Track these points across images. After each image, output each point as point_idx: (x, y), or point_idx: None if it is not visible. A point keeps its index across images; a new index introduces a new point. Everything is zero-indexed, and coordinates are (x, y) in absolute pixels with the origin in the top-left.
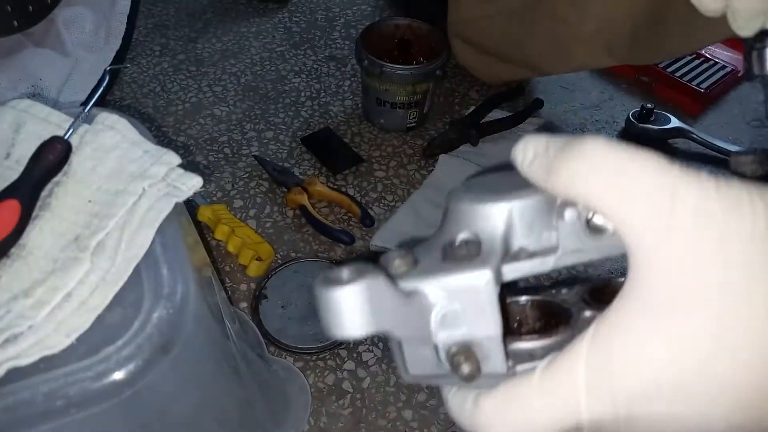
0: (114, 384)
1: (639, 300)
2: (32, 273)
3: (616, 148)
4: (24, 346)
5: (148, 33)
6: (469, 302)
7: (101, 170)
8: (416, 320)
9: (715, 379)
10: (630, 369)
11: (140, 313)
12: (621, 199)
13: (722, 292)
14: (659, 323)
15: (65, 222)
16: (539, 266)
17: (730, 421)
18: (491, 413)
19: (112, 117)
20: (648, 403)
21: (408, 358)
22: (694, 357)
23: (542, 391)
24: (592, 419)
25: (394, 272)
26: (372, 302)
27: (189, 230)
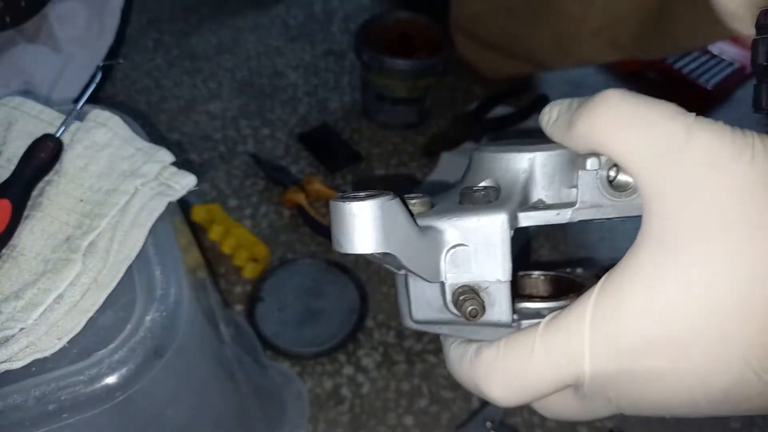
0: (106, 388)
1: (649, 247)
2: (23, 274)
3: (633, 96)
4: (15, 349)
5: (141, 28)
6: (482, 244)
7: (93, 168)
8: (428, 256)
9: (718, 332)
10: (636, 320)
11: (133, 315)
12: (636, 144)
13: (728, 241)
14: (666, 272)
15: (56, 222)
16: (556, 217)
17: (733, 376)
18: (491, 363)
19: (104, 114)
20: (651, 358)
21: (413, 299)
22: (699, 308)
23: (545, 343)
24: (594, 373)
25: (411, 211)
26: (385, 221)
27: (182, 230)
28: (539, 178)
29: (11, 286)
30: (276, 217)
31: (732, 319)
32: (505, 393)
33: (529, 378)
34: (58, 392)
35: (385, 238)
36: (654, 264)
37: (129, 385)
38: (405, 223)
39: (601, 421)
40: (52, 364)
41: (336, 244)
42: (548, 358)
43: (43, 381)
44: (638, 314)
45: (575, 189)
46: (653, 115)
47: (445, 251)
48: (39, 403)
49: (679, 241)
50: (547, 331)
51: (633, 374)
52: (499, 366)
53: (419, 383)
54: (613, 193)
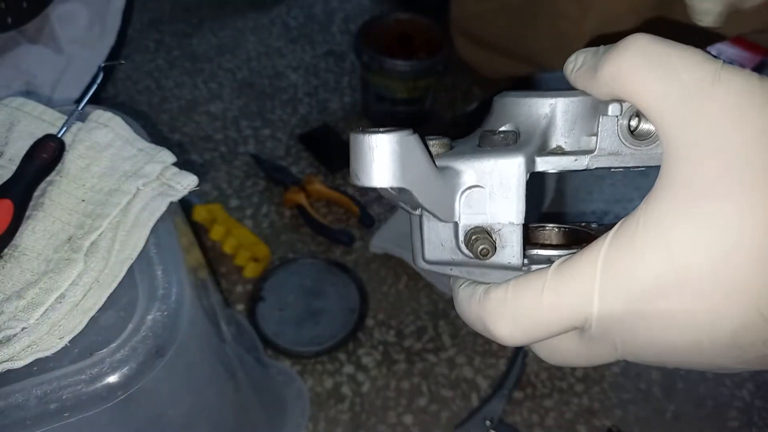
0: (108, 387)
1: (668, 193)
2: (25, 274)
3: (661, 42)
4: (17, 348)
5: (142, 29)
6: (498, 185)
7: (95, 169)
8: (443, 195)
9: (732, 275)
10: (649, 262)
11: (134, 315)
12: (661, 89)
13: (751, 187)
14: (684, 215)
15: (58, 222)
16: (573, 163)
17: (743, 320)
18: (500, 302)
19: (105, 115)
20: (662, 299)
21: (427, 239)
22: (714, 250)
23: (555, 283)
24: (602, 315)
25: (430, 151)
26: (403, 155)
27: (184, 230)
28: (560, 124)
29: (13, 285)
30: (277, 217)
31: (746, 264)
32: (512, 331)
33: (537, 317)
34: (60, 391)
35: (403, 172)
36: (672, 210)
37: (130, 384)
38: (423, 160)
39: (601, 420)
40: (53, 363)
41: (354, 177)
42: (557, 297)
43: (44, 380)
44: (651, 257)
45: (595, 137)
46: (680, 61)
47: (461, 191)
48: (41, 402)
49: (700, 187)
50: (558, 271)
51: (642, 316)
52: (508, 304)
53: (419, 382)
54: (633, 141)
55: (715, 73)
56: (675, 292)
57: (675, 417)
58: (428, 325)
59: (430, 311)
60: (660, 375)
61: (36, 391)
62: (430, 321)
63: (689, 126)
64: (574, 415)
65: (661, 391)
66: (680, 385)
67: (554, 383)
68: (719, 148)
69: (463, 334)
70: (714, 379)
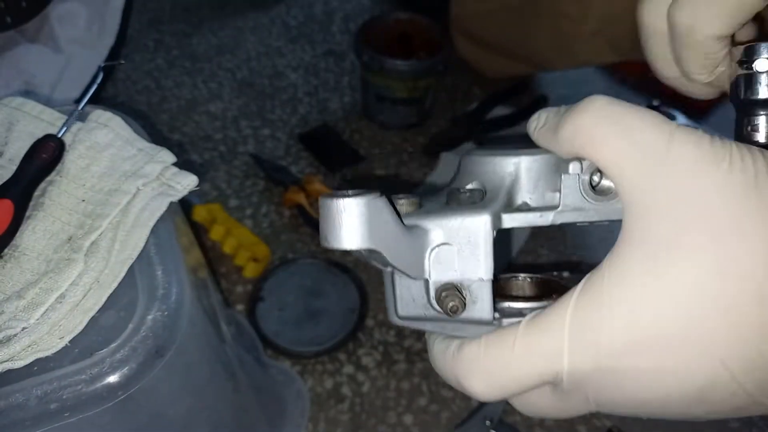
0: (108, 387)
1: (630, 248)
2: (25, 274)
3: (617, 103)
4: (17, 348)
5: (142, 28)
6: (466, 243)
7: (95, 169)
8: (413, 253)
9: (695, 332)
10: (617, 320)
11: (134, 315)
12: (618, 149)
13: (714, 241)
14: (644, 272)
15: (58, 222)
16: (538, 219)
17: (709, 376)
18: (472, 359)
19: (105, 114)
20: (629, 357)
21: (399, 296)
22: (683, 308)
23: (525, 340)
24: (572, 371)
25: (398, 210)
26: (371, 217)
27: (184, 230)
28: (524, 181)
29: (13, 285)
30: (276, 217)
31: (711, 318)
32: (485, 388)
33: (509, 374)
34: (60, 391)
35: (371, 234)
36: (633, 267)
37: (130, 384)
38: (391, 221)
39: (600, 420)
40: (53, 363)
41: (323, 240)
42: (528, 355)
43: (45, 380)
44: (617, 314)
45: (558, 193)
46: (636, 122)
47: (430, 249)
48: (41, 402)
49: (660, 243)
50: (528, 328)
51: (611, 372)
52: (481, 361)
53: (419, 382)
54: (595, 197)
55: (670, 134)
56: (641, 349)
57: (675, 420)
58: None
59: None
60: None
61: (36, 391)
62: None
63: (646, 184)
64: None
65: None
66: None
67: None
68: (675, 206)
69: None
70: None
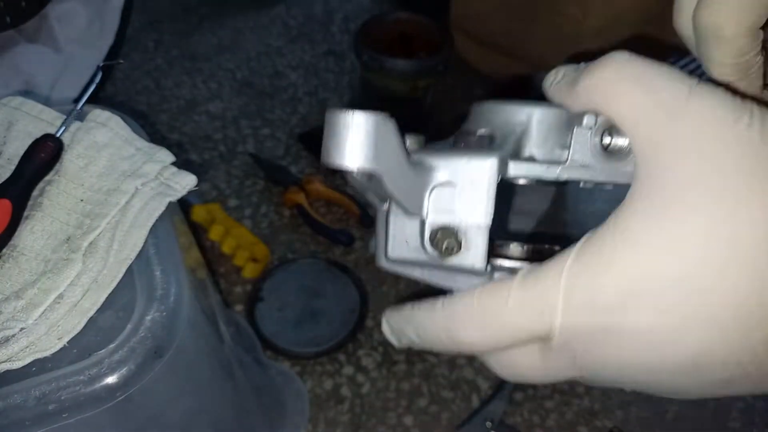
0: (106, 388)
1: (638, 203)
2: (23, 274)
3: (639, 59)
4: (16, 349)
5: (141, 28)
6: (468, 184)
7: (93, 168)
8: (414, 187)
9: (696, 291)
10: (613, 275)
11: (133, 315)
12: (635, 102)
13: (718, 201)
14: (654, 224)
15: (57, 222)
16: (544, 172)
17: (703, 338)
18: (465, 310)
19: (104, 114)
20: (625, 314)
21: (391, 236)
22: (679, 265)
23: (519, 294)
24: (565, 326)
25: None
26: (378, 138)
27: (183, 230)
28: (534, 133)
29: (11, 286)
30: (276, 217)
31: (710, 278)
32: (479, 338)
33: (503, 326)
34: (59, 392)
35: (376, 156)
36: (641, 219)
37: (129, 384)
38: (397, 147)
39: (602, 420)
40: (52, 363)
41: (325, 155)
42: (521, 308)
43: (43, 381)
44: (617, 266)
45: (568, 150)
46: (657, 77)
47: (431, 187)
48: (39, 402)
49: (670, 197)
50: (523, 282)
51: (603, 331)
52: (474, 312)
53: (419, 383)
54: (606, 156)
55: (690, 88)
56: (637, 305)
57: (676, 418)
58: None
59: None
60: None
61: (34, 391)
62: None
63: (663, 138)
64: (575, 416)
65: None
66: None
67: (555, 384)
68: (685, 161)
69: None
70: None
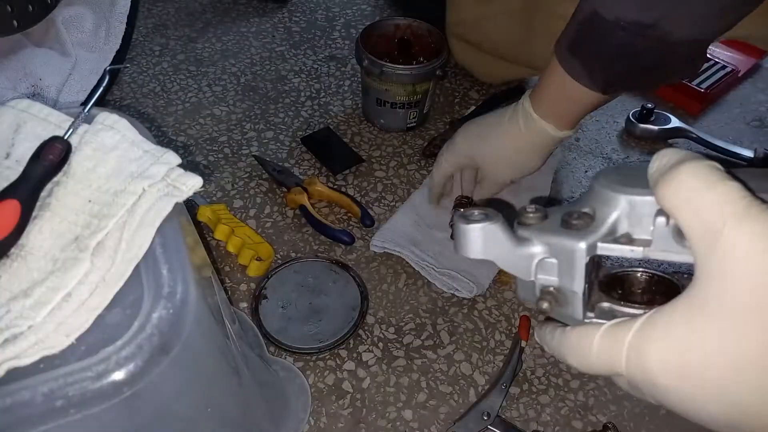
0: (114, 384)
1: (687, 299)
2: (32, 273)
3: (704, 172)
4: (24, 346)
5: (147, 33)
6: (563, 260)
7: (101, 170)
8: (521, 262)
9: (721, 381)
10: (658, 351)
11: (140, 313)
12: (691, 217)
13: (750, 314)
14: (690, 322)
15: (65, 222)
16: (629, 252)
17: (729, 417)
18: (569, 345)
19: (111, 117)
20: (666, 379)
21: (519, 284)
22: (706, 353)
23: (600, 342)
24: (629, 376)
25: (523, 220)
26: (486, 238)
27: (189, 230)
28: (629, 216)
29: (20, 284)
30: (279, 217)
31: (726, 372)
32: (578, 366)
33: (591, 363)
34: (66, 388)
35: (485, 250)
36: (681, 312)
37: (136, 381)
38: (503, 239)
39: (596, 415)
40: (60, 360)
41: (454, 247)
42: (600, 354)
43: (51, 377)
44: (662, 347)
45: (651, 236)
46: (713, 196)
47: (538, 260)
48: (47, 399)
49: (716, 304)
50: (604, 334)
51: (653, 386)
52: (573, 347)
53: (418, 378)
54: (682, 243)
55: (742, 210)
56: (671, 377)
57: (669, 413)
58: (427, 322)
59: (429, 309)
60: None
61: (42, 388)
62: (429, 318)
63: (711, 255)
64: (570, 411)
65: None
66: None
67: (550, 379)
68: (732, 279)
69: (461, 332)
70: None
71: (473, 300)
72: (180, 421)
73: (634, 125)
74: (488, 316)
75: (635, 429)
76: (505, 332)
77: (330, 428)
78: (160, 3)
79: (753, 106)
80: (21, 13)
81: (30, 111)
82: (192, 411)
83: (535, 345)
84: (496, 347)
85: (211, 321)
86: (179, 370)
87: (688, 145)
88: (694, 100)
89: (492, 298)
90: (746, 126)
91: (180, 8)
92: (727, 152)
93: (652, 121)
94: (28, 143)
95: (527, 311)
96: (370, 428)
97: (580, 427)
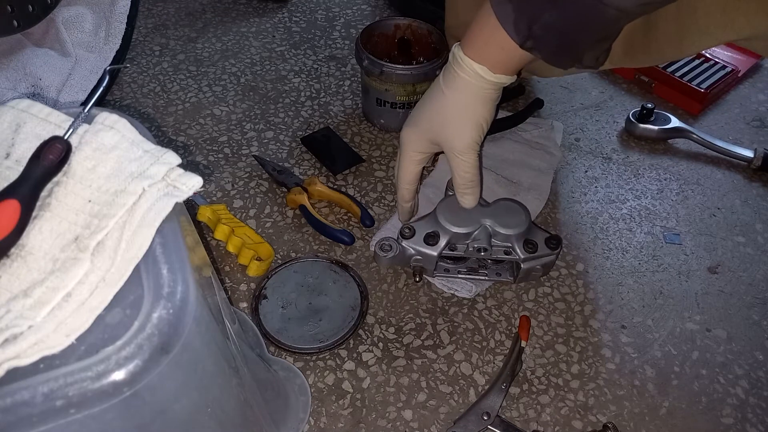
0: (114, 384)
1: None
2: (32, 273)
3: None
4: (24, 346)
5: (147, 33)
6: (425, 259)
7: (101, 170)
8: (404, 261)
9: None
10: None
11: (140, 313)
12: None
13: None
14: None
15: (65, 222)
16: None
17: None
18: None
19: (111, 117)
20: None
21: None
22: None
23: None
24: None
25: (405, 234)
26: (392, 259)
27: (189, 230)
28: (455, 238)
29: (20, 284)
30: (279, 217)
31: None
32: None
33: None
34: (66, 388)
35: (390, 263)
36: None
37: (136, 380)
38: (399, 257)
39: (596, 415)
40: (60, 360)
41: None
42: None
43: (51, 377)
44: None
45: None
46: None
47: (413, 259)
48: (47, 399)
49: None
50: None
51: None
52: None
53: (418, 378)
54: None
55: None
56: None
57: (669, 413)
58: (427, 322)
59: (429, 309)
60: (654, 372)
61: (42, 388)
62: (428, 318)
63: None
64: (570, 411)
65: (655, 387)
66: (674, 381)
67: (550, 380)
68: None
69: (461, 332)
70: (708, 376)
71: (473, 300)
72: (180, 421)
73: (634, 125)
74: (488, 316)
75: (635, 429)
76: (505, 332)
77: (330, 428)
78: (160, 3)
79: (753, 106)
80: (21, 13)
81: (30, 111)
82: (192, 411)
83: (535, 345)
84: (496, 347)
85: (211, 321)
86: (179, 370)
87: (687, 145)
88: (694, 100)
89: (492, 298)
90: (746, 126)
91: (180, 8)
92: (727, 152)
93: (652, 120)
94: (28, 143)
95: (527, 311)
96: (370, 428)
97: (580, 427)
